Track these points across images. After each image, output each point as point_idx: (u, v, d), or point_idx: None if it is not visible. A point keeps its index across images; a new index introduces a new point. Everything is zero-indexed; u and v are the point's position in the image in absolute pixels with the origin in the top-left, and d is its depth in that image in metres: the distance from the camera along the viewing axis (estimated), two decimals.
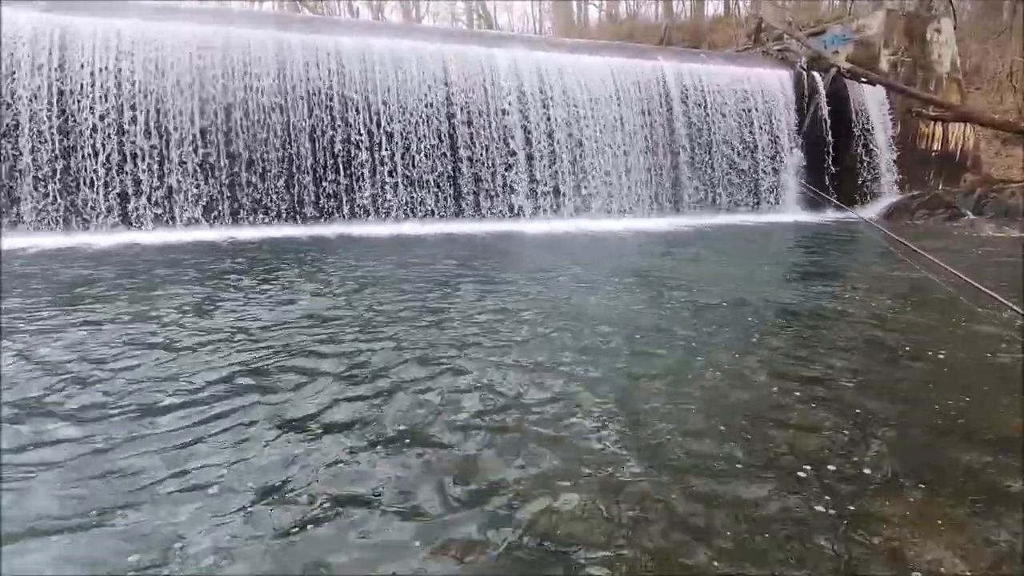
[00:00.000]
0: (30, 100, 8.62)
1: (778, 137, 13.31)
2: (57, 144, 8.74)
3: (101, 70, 8.93)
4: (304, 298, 4.86)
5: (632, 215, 11.88)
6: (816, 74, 13.73)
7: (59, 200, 8.77)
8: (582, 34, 26.11)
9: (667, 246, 8.71)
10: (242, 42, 9.75)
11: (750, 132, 13.06)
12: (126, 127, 9.05)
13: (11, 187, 8.60)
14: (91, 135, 8.88)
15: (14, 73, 8.57)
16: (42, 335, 3.72)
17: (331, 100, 10.07)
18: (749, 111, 13.07)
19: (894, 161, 14.37)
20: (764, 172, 13.23)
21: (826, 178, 13.65)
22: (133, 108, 9.07)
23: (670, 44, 18.89)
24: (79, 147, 8.86)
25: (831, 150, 13.70)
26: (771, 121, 13.25)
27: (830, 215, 12.84)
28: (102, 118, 8.93)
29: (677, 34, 22.06)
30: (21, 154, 8.59)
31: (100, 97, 8.93)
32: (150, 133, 9.15)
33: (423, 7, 32.82)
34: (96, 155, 8.91)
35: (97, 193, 8.94)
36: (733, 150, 12.94)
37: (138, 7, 9.76)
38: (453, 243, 8.54)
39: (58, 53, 8.78)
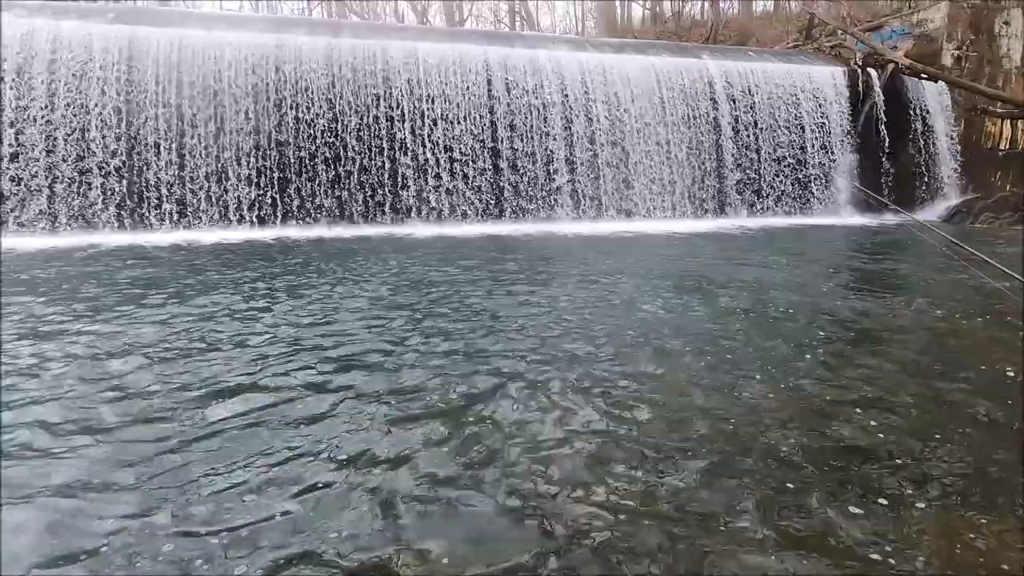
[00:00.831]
0: (97, 105, 9.12)
1: (830, 136, 12.85)
2: (124, 147, 9.23)
3: (164, 78, 9.40)
4: (359, 296, 4.98)
5: (676, 216, 11.68)
6: (872, 71, 13.19)
7: (124, 200, 9.25)
8: (626, 34, 25.82)
9: (714, 248, 8.51)
10: (294, 48, 10.07)
11: (800, 131, 12.65)
12: (185, 130, 9.48)
13: (78, 186, 9.12)
14: (153, 138, 9.34)
15: (84, 76, 9.09)
16: (115, 327, 3.94)
17: (377, 103, 10.27)
18: (799, 109, 12.66)
19: (957, 161, 13.67)
20: (815, 173, 12.79)
21: (882, 179, 13.12)
22: (191, 109, 9.50)
23: (716, 42, 18.50)
24: (142, 150, 9.32)
25: (888, 150, 13.15)
26: (823, 120, 12.80)
27: (885, 218, 12.30)
28: (167, 125, 9.39)
29: (724, 31, 21.59)
30: (85, 156, 9.11)
31: (161, 102, 9.37)
32: (206, 136, 9.56)
33: (466, 9, 33.11)
34: (157, 157, 9.36)
35: (156, 194, 9.38)
36: (782, 150, 12.57)
37: (197, 16, 10.18)
38: (497, 244, 8.58)
39: (126, 62, 9.28)
